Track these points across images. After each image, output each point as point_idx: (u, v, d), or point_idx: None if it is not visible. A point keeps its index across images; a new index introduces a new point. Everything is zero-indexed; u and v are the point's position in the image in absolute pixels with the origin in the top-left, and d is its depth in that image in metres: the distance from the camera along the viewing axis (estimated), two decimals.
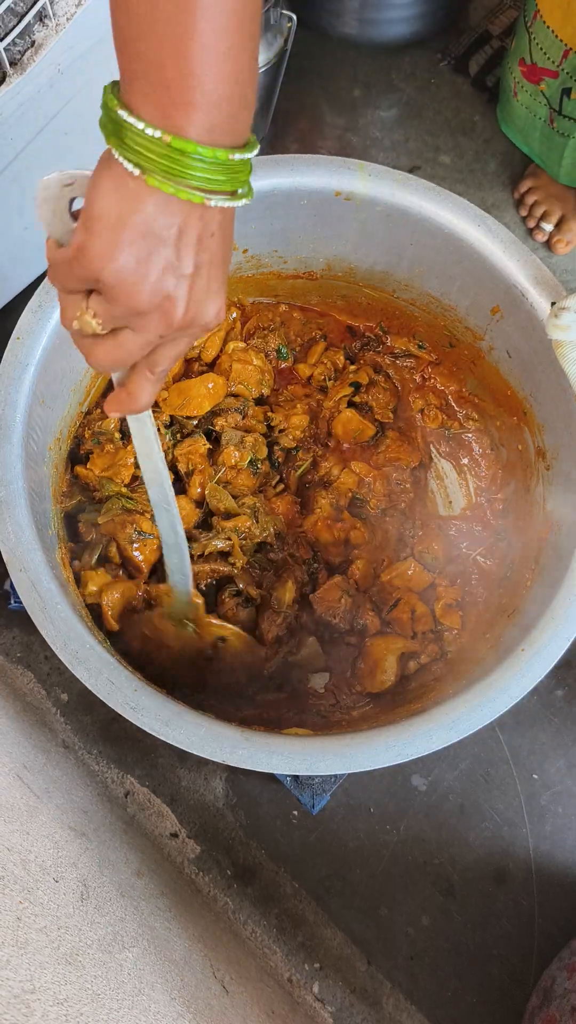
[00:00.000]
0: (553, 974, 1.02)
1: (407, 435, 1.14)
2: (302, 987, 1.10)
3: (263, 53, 1.24)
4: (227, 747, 0.79)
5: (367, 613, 1.03)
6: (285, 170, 0.97)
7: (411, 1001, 1.09)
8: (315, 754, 0.79)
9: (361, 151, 1.46)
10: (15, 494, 0.86)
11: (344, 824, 1.15)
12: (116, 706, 0.79)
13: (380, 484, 1.10)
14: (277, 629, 1.02)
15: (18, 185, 1.12)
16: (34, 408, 0.91)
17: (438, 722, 0.81)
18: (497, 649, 0.91)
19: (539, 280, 0.94)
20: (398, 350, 1.14)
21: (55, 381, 0.96)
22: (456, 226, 0.96)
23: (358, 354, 1.16)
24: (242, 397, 1.09)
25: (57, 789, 1.01)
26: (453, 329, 1.07)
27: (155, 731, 0.79)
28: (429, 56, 1.52)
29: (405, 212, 0.98)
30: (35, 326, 0.91)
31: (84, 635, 0.82)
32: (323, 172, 0.97)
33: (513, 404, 1.04)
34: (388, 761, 0.79)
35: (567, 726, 1.18)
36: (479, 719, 0.81)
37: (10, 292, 1.31)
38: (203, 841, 1.15)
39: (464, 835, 1.14)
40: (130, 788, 1.17)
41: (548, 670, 0.82)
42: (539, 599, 0.89)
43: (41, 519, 0.89)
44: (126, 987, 0.77)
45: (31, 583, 0.83)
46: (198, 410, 1.05)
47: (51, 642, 0.81)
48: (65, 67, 1.04)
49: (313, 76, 1.50)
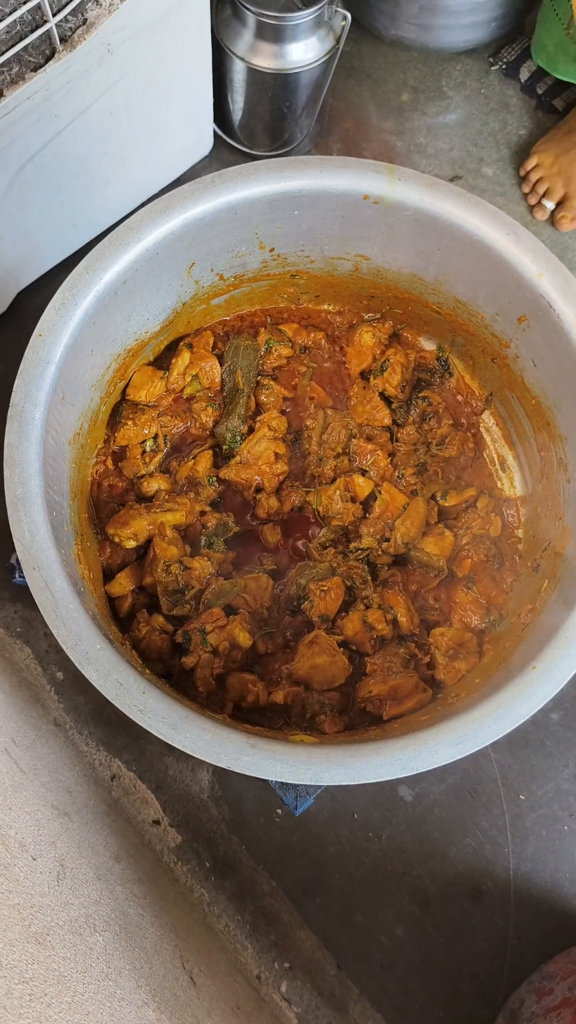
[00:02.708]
0: (522, 996, 1.02)
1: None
2: (270, 985, 1.10)
3: (314, 49, 1.23)
4: (232, 753, 0.79)
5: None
6: (313, 172, 0.97)
7: (378, 1009, 1.09)
8: (320, 764, 0.79)
9: (404, 156, 1.46)
10: (32, 492, 0.86)
11: (327, 828, 1.14)
12: (124, 708, 0.79)
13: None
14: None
15: (59, 162, 1.12)
16: (54, 406, 0.91)
17: (445, 737, 0.81)
18: (507, 664, 0.91)
19: (567, 291, 0.93)
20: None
21: (76, 377, 0.96)
22: (485, 233, 0.96)
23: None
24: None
25: (44, 767, 1.01)
26: (479, 335, 1.07)
27: (161, 734, 0.79)
28: (480, 65, 1.51)
29: (434, 217, 0.97)
30: (57, 323, 0.91)
31: (95, 636, 0.82)
32: (351, 175, 0.97)
33: (538, 414, 1.03)
34: (393, 774, 0.79)
35: (559, 750, 1.17)
36: (486, 736, 0.81)
37: (41, 268, 1.32)
38: (185, 831, 1.15)
39: (446, 849, 1.14)
40: (117, 772, 1.17)
41: (558, 691, 0.82)
42: (554, 614, 0.89)
43: (57, 516, 0.89)
44: (93, 971, 0.77)
45: (44, 582, 0.83)
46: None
47: (62, 642, 0.81)
48: (115, 47, 1.04)
49: (363, 76, 1.49)
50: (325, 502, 1.08)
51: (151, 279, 1.00)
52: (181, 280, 1.04)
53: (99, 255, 0.93)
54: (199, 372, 1.10)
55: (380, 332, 1.13)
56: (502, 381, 1.08)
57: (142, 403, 1.09)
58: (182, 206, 0.95)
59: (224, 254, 1.05)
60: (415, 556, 1.06)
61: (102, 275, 0.93)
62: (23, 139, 1.05)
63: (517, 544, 1.08)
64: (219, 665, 0.98)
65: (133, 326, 1.03)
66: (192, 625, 0.99)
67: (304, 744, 0.82)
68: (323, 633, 1.00)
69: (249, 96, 1.32)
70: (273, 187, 0.97)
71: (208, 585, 1.02)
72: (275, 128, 1.37)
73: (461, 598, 1.05)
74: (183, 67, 1.18)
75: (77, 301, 0.92)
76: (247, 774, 0.77)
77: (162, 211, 0.95)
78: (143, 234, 0.94)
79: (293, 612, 1.04)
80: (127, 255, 0.94)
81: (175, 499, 1.05)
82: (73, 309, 0.91)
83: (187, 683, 0.99)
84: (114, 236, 0.94)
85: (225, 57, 1.26)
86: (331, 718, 0.97)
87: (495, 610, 1.04)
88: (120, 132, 1.18)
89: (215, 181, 0.96)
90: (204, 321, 1.15)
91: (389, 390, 1.11)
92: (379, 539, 1.06)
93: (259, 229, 1.03)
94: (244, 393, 1.11)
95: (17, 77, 1.00)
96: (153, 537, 1.03)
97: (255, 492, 1.10)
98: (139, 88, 1.13)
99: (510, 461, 1.13)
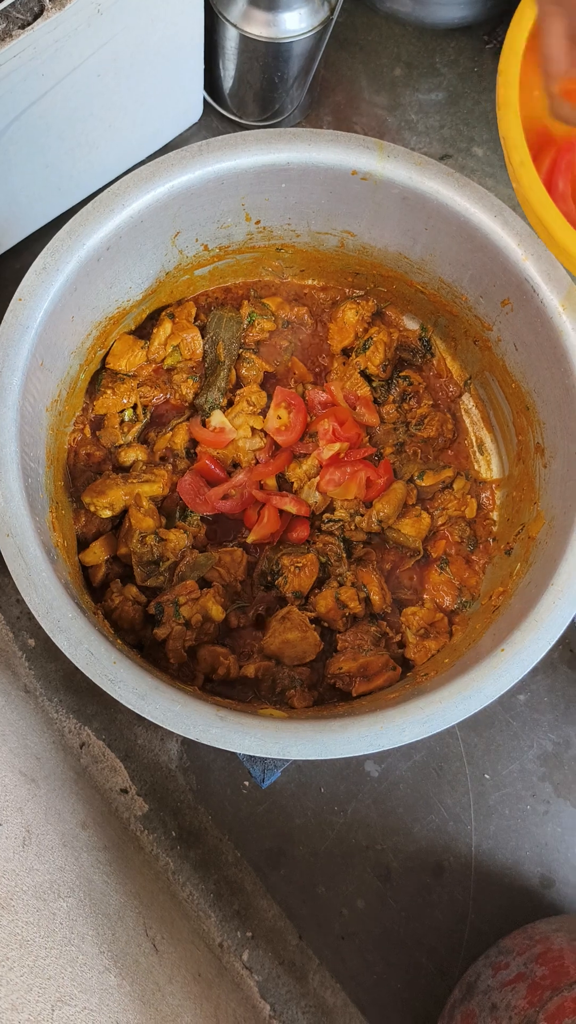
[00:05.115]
0: (478, 970, 1.04)
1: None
2: (232, 953, 1.11)
3: (308, 19, 1.22)
4: (201, 725, 0.79)
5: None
6: (302, 144, 0.96)
7: (337, 979, 1.11)
8: (288, 739, 0.79)
9: (395, 132, 1.44)
10: (7, 458, 0.85)
11: (293, 800, 1.15)
12: (94, 677, 0.80)
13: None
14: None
15: (45, 123, 1.11)
16: (32, 371, 0.90)
17: (413, 716, 0.81)
18: (476, 645, 0.91)
19: (551, 276, 0.93)
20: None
21: (56, 343, 0.95)
22: (472, 215, 0.96)
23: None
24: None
25: (13, 733, 1.01)
26: (463, 316, 1.07)
27: (131, 704, 0.79)
28: (474, 43, 1.50)
29: (422, 196, 0.97)
30: (38, 288, 0.90)
31: (67, 604, 0.82)
32: (341, 150, 0.96)
33: (518, 398, 1.03)
34: (360, 751, 0.79)
35: (524, 731, 1.18)
36: (453, 716, 0.81)
37: (23, 231, 1.30)
38: (152, 800, 1.16)
39: (409, 825, 1.15)
40: (86, 740, 1.17)
41: (526, 673, 0.83)
42: (525, 598, 0.89)
43: (33, 482, 0.89)
44: (56, 936, 0.77)
45: (17, 549, 0.82)
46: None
47: (34, 609, 0.81)
48: (105, 7, 1.02)
49: (355, 49, 1.48)
50: (300, 475, 1.07)
51: (135, 247, 0.98)
52: (165, 249, 1.03)
53: (83, 220, 0.92)
54: (180, 343, 1.09)
55: (363, 310, 1.12)
56: (483, 364, 1.08)
57: (122, 372, 1.08)
58: (169, 174, 0.94)
59: (209, 224, 1.04)
60: (391, 536, 1.06)
61: (85, 241, 0.92)
62: (9, 98, 1.04)
63: (491, 527, 1.09)
64: (191, 637, 0.98)
65: (115, 294, 1.02)
66: (165, 597, 0.99)
67: (273, 718, 0.83)
68: (295, 609, 1.00)
69: (240, 64, 1.30)
70: (261, 158, 0.96)
71: (183, 557, 1.02)
72: (265, 98, 1.35)
73: (434, 578, 1.05)
74: (174, 31, 1.16)
75: (59, 266, 0.90)
76: (215, 746, 0.78)
77: (148, 178, 0.94)
78: (128, 200, 0.93)
79: (267, 587, 1.04)
80: (111, 221, 0.93)
81: (152, 470, 1.05)
82: (55, 274, 0.90)
83: (158, 654, 0.99)
84: (99, 202, 0.93)
85: (218, 23, 1.24)
86: (301, 693, 0.98)
87: (467, 591, 1.05)
88: (108, 95, 1.16)
89: (202, 150, 0.95)
90: (187, 292, 1.14)
91: (371, 369, 1.11)
92: (352, 513, 1.06)
93: (246, 200, 1.02)
94: (225, 365, 1.10)
95: (4, 34, 0.98)
96: (129, 508, 1.02)
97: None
98: (129, 51, 1.11)
99: (488, 444, 1.13)
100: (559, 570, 0.86)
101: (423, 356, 1.15)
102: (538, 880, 1.14)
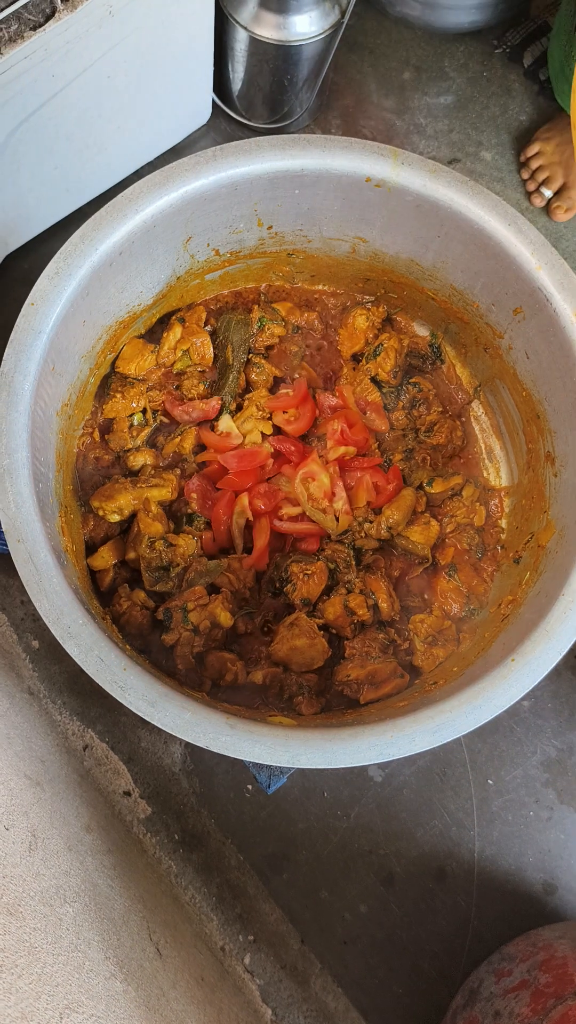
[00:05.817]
0: (481, 976, 1.04)
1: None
2: (234, 957, 1.12)
3: (319, 22, 1.21)
4: (211, 733, 0.79)
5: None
6: (316, 151, 0.96)
7: (339, 984, 1.11)
8: (297, 747, 0.79)
9: (403, 136, 1.44)
10: (19, 464, 0.84)
11: (296, 805, 1.16)
12: (104, 684, 0.79)
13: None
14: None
15: (54, 123, 1.10)
16: (44, 376, 0.89)
17: (422, 725, 0.81)
18: (486, 654, 0.91)
19: (565, 286, 0.93)
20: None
21: (67, 348, 0.94)
22: (486, 223, 0.95)
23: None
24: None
25: (17, 736, 1.01)
26: (474, 323, 1.07)
27: (141, 711, 0.79)
28: (484, 47, 1.50)
29: (436, 204, 0.97)
30: (51, 293, 0.89)
31: (78, 610, 0.82)
32: (355, 157, 0.96)
33: (528, 406, 1.03)
34: (370, 760, 0.79)
35: (528, 737, 1.19)
36: (463, 726, 0.81)
37: (31, 232, 1.30)
38: (155, 803, 1.16)
39: (413, 830, 1.16)
40: (89, 742, 1.17)
41: (536, 683, 0.83)
42: (534, 607, 0.89)
43: (43, 487, 0.88)
44: (63, 942, 0.77)
45: (28, 555, 0.82)
46: None
47: (44, 616, 0.81)
48: (116, 9, 1.02)
49: (365, 52, 1.48)
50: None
51: (147, 252, 0.98)
52: (177, 254, 1.03)
53: (96, 225, 0.92)
54: (190, 347, 1.09)
55: (374, 316, 1.12)
56: (494, 371, 1.08)
57: (131, 376, 1.07)
58: (182, 179, 0.94)
59: (222, 229, 1.03)
60: (400, 543, 1.06)
61: (98, 246, 0.91)
62: (19, 99, 1.03)
63: (500, 534, 1.09)
64: (199, 643, 0.98)
65: (126, 298, 1.02)
66: (174, 602, 0.99)
67: (282, 726, 0.83)
68: (303, 615, 1.00)
69: (250, 66, 1.30)
70: (276, 164, 0.96)
71: (192, 563, 1.01)
72: (275, 100, 1.35)
73: (442, 586, 1.05)
74: (185, 33, 1.15)
75: (72, 271, 0.90)
76: (225, 754, 0.78)
77: (162, 183, 0.94)
78: (142, 206, 0.93)
79: (275, 594, 1.04)
80: (124, 226, 0.93)
81: (161, 475, 1.05)
82: (67, 279, 0.90)
83: (166, 659, 0.99)
84: (111, 206, 0.93)
85: (228, 25, 1.24)
86: (308, 699, 0.98)
87: (475, 599, 1.05)
88: (118, 97, 1.15)
89: (216, 155, 0.95)
90: (198, 296, 1.14)
91: (382, 375, 1.11)
92: (360, 520, 1.06)
93: (259, 206, 1.01)
94: (234, 369, 1.10)
95: (16, 35, 0.97)
96: (138, 512, 1.02)
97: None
98: (139, 53, 1.11)
99: (497, 451, 1.13)
100: (570, 580, 0.86)
101: (433, 363, 1.15)
102: (541, 886, 1.15)
